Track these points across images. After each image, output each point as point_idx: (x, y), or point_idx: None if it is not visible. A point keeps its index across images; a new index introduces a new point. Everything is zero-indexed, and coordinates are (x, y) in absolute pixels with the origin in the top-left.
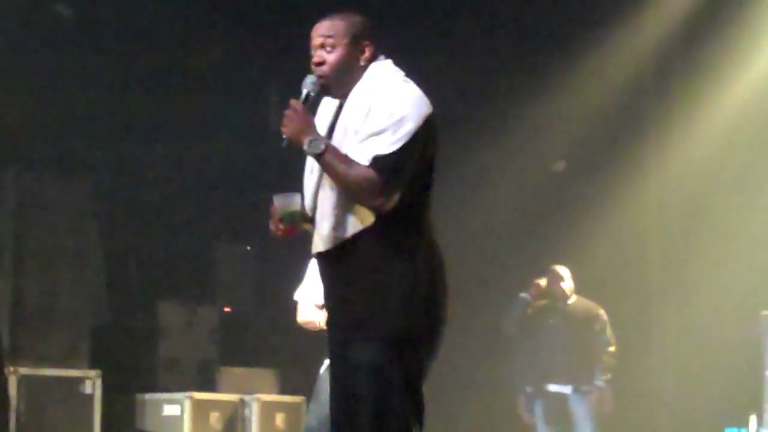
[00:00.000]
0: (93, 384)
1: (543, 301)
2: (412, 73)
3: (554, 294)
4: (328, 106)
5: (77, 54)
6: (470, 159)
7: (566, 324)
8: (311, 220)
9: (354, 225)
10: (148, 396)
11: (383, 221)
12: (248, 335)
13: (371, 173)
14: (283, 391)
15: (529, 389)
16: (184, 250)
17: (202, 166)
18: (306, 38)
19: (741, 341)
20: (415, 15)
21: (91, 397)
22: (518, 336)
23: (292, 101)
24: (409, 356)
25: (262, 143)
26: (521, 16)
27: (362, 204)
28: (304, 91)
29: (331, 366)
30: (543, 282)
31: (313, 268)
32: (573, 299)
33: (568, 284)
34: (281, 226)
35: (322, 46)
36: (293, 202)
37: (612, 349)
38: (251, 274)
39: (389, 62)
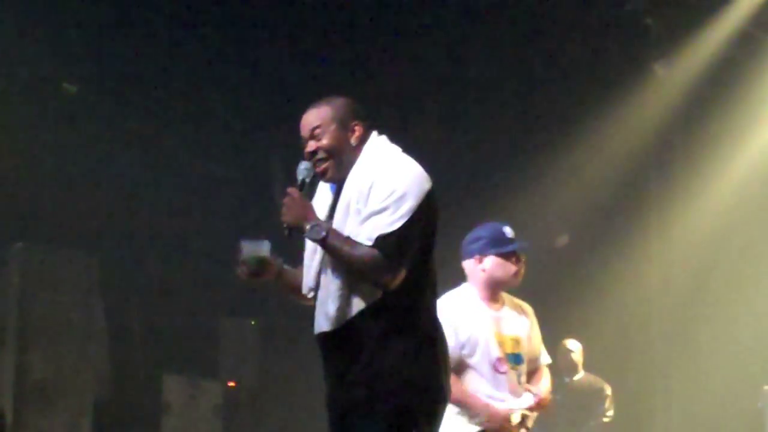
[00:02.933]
0: None
1: (555, 378)
2: (409, 148)
3: (563, 367)
4: (324, 189)
5: (83, 131)
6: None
7: (572, 400)
8: (298, 292)
9: (358, 304)
10: None
11: (386, 299)
12: (252, 410)
13: (375, 253)
14: None
15: None
16: (188, 325)
17: (206, 241)
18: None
19: (743, 416)
20: (415, 89)
21: None
22: None
23: (290, 189)
24: None
25: (266, 218)
26: (523, 91)
27: (369, 283)
28: (300, 178)
29: None
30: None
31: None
32: (580, 375)
33: (577, 358)
34: (246, 271)
35: (312, 136)
36: (261, 249)
37: (607, 420)
38: (255, 349)
39: (384, 138)
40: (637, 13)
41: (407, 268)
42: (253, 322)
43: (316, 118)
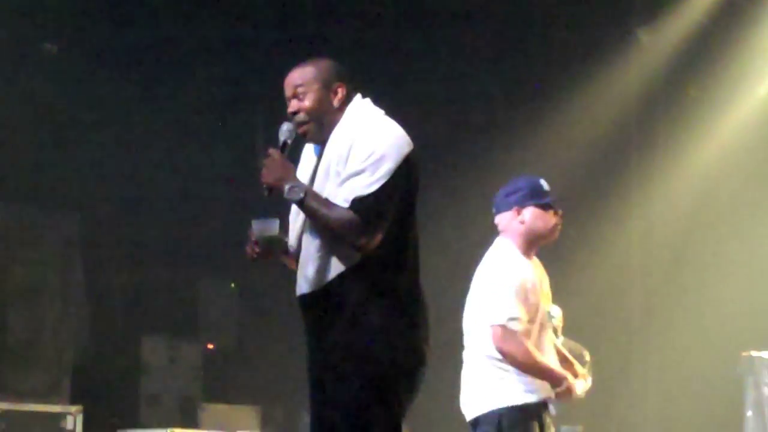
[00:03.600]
0: (74, 419)
1: None
2: (392, 110)
3: None
4: (310, 150)
5: (63, 89)
6: (452, 199)
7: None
8: (295, 256)
9: (337, 267)
10: None
11: (366, 262)
12: (231, 372)
13: (352, 215)
14: (265, 429)
15: None
16: (168, 287)
17: (185, 204)
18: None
19: (721, 382)
20: (397, 53)
21: None
22: None
23: (271, 150)
24: (390, 396)
25: (246, 181)
26: (505, 57)
27: (347, 244)
28: (281, 139)
29: (311, 405)
30: None
31: None
32: (560, 340)
33: (558, 323)
34: (257, 250)
35: (295, 95)
36: (271, 228)
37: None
38: (234, 311)
39: (367, 101)
40: None
41: (385, 231)
42: (232, 284)
43: (300, 77)
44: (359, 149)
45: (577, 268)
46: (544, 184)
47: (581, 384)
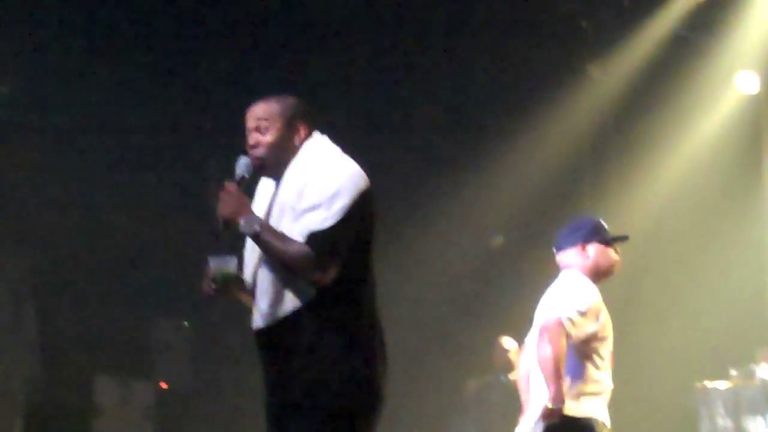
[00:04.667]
0: None
1: (487, 376)
2: (349, 147)
3: (499, 366)
4: (267, 185)
5: (11, 133)
6: (411, 234)
7: (508, 399)
8: (251, 292)
9: (292, 301)
10: None
11: (322, 297)
12: (185, 412)
13: (307, 249)
14: None
15: None
16: (121, 326)
17: (137, 243)
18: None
19: (676, 413)
20: (353, 92)
21: None
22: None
23: (227, 183)
24: None
25: (199, 219)
26: (458, 90)
27: (301, 279)
28: (238, 172)
29: None
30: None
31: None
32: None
33: (513, 357)
34: (213, 287)
35: (257, 128)
36: (228, 265)
37: None
38: (188, 349)
39: (325, 138)
40: (572, 15)
41: (341, 266)
42: (185, 323)
43: (264, 111)
44: (315, 185)
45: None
46: (605, 223)
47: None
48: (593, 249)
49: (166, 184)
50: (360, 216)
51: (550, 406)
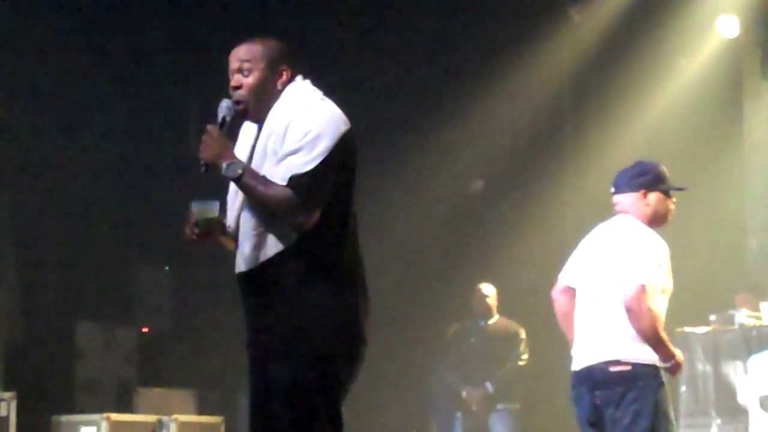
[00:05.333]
0: (8, 406)
1: (466, 321)
2: (331, 91)
3: (478, 311)
4: (249, 129)
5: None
6: (391, 179)
7: (486, 343)
8: (233, 236)
9: (275, 245)
10: (65, 418)
11: (304, 240)
12: (166, 356)
13: (289, 193)
14: (201, 412)
15: (448, 407)
16: (103, 271)
17: (120, 188)
18: (227, 62)
19: None
20: (336, 32)
21: (6, 419)
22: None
23: (209, 127)
24: (329, 376)
25: (181, 165)
26: (438, 36)
27: (283, 222)
28: (220, 116)
29: (250, 385)
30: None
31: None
32: (495, 318)
33: (492, 302)
34: (196, 231)
35: (240, 70)
36: (211, 209)
37: (521, 362)
38: (169, 294)
39: (307, 83)
40: None
41: (322, 209)
42: (167, 267)
43: (247, 52)
44: (296, 128)
45: (513, 246)
46: (666, 171)
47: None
48: (654, 197)
49: (150, 132)
50: (341, 159)
51: (665, 365)
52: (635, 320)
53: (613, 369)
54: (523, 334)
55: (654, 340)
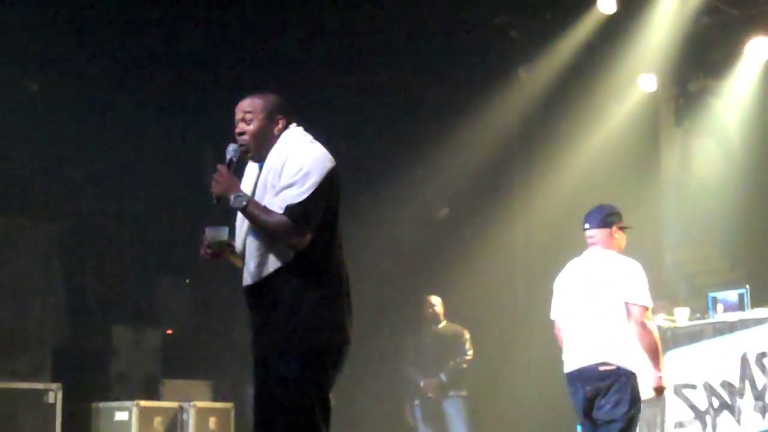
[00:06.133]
0: (55, 395)
1: (422, 327)
2: (319, 134)
3: (427, 318)
4: (252, 167)
5: (41, 118)
6: (370, 206)
7: (437, 344)
8: (240, 255)
9: (275, 262)
10: (102, 405)
11: (298, 258)
12: (186, 353)
13: (286, 219)
14: (215, 399)
15: (409, 396)
16: (133, 282)
17: (148, 213)
18: (233, 113)
19: None
20: (321, 81)
21: (53, 406)
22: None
23: (219, 166)
24: (320, 369)
25: (198, 194)
26: (407, 87)
27: (281, 243)
28: (228, 157)
29: (255, 377)
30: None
31: None
32: (443, 323)
33: (439, 310)
34: (209, 251)
35: (243, 119)
36: (222, 233)
37: (468, 357)
38: (189, 302)
39: (300, 129)
40: (505, 26)
41: (313, 232)
42: (187, 280)
43: (249, 105)
44: (291, 166)
45: (472, 264)
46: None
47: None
48: (618, 233)
49: (171, 168)
50: (328, 191)
51: (659, 381)
52: (643, 337)
53: (601, 368)
54: (467, 335)
55: (655, 353)
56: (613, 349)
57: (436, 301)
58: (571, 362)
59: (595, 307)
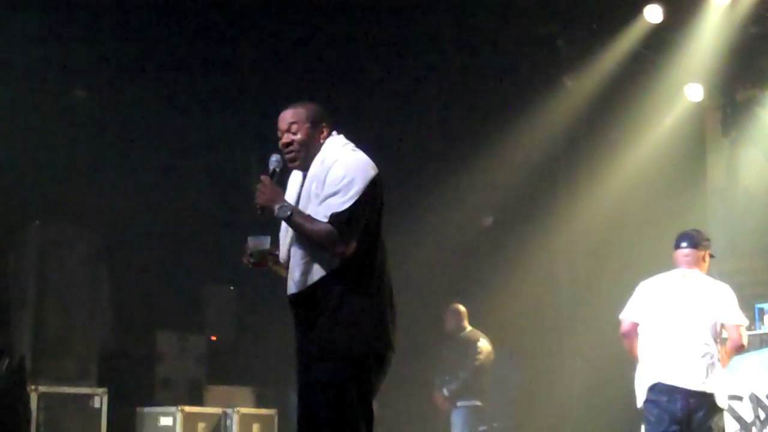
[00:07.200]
0: (101, 399)
1: (446, 335)
2: (366, 142)
3: (451, 326)
4: (296, 176)
5: (89, 126)
6: (416, 214)
7: (453, 351)
8: (285, 264)
9: (320, 271)
10: (147, 409)
11: (343, 266)
12: (230, 359)
13: (330, 227)
14: (258, 405)
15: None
16: (179, 290)
17: (194, 221)
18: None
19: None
20: (369, 91)
21: (99, 410)
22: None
23: (262, 177)
24: (363, 376)
25: (243, 204)
26: (461, 101)
27: (326, 252)
28: (271, 167)
29: (298, 386)
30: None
31: None
32: (467, 330)
33: (460, 318)
34: (252, 260)
35: (289, 130)
36: (264, 243)
37: (476, 364)
38: (234, 309)
39: (341, 137)
40: (551, 36)
41: (357, 240)
42: (231, 288)
43: (294, 115)
44: (334, 175)
45: (517, 271)
46: None
47: None
48: (707, 258)
49: (218, 176)
50: (371, 198)
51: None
52: (738, 348)
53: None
54: (481, 341)
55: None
56: (710, 375)
57: (457, 309)
58: (670, 377)
59: (695, 326)
